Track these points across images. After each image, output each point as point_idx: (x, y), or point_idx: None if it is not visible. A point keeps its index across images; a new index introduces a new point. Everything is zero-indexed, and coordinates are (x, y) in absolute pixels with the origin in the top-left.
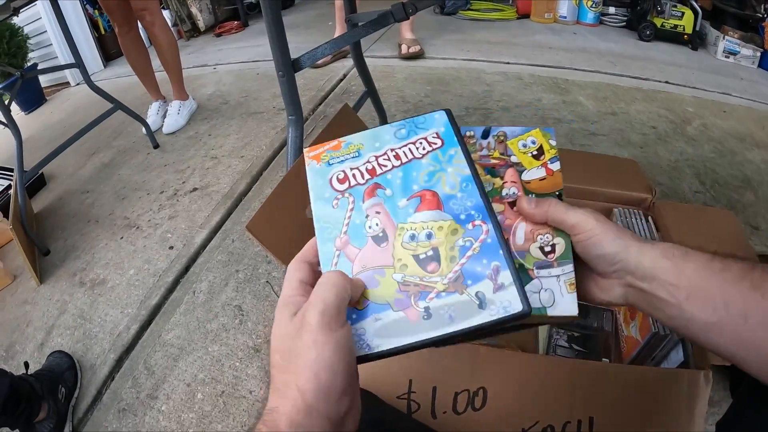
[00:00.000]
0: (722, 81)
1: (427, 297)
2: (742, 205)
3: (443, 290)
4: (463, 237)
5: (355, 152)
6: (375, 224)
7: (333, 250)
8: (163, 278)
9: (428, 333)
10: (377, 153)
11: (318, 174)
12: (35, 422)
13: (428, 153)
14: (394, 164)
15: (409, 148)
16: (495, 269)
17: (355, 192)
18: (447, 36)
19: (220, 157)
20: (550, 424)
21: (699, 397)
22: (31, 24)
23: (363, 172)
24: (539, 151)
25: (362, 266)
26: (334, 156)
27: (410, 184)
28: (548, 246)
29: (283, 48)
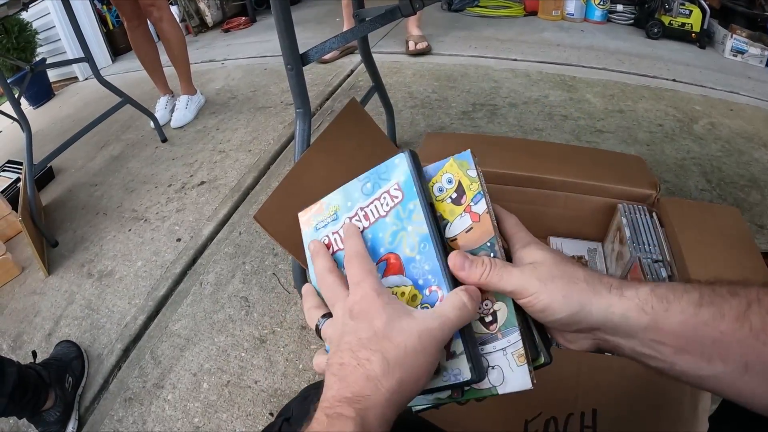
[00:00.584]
0: (730, 80)
1: None
2: (748, 204)
3: None
4: (422, 303)
5: (333, 215)
6: None
7: None
8: (170, 270)
9: None
10: (350, 214)
11: (310, 238)
12: (42, 411)
13: (391, 209)
14: (365, 225)
15: (375, 206)
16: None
17: (338, 258)
18: (455, 32)
19: (227, 151)
20: (553, 415)
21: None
22: (40, 19)
23: (340, 237)
24: (458, 191)
25: None
26: (319, 220)
27: (378, 246)
28: (489, 315)
29: (292, 42)
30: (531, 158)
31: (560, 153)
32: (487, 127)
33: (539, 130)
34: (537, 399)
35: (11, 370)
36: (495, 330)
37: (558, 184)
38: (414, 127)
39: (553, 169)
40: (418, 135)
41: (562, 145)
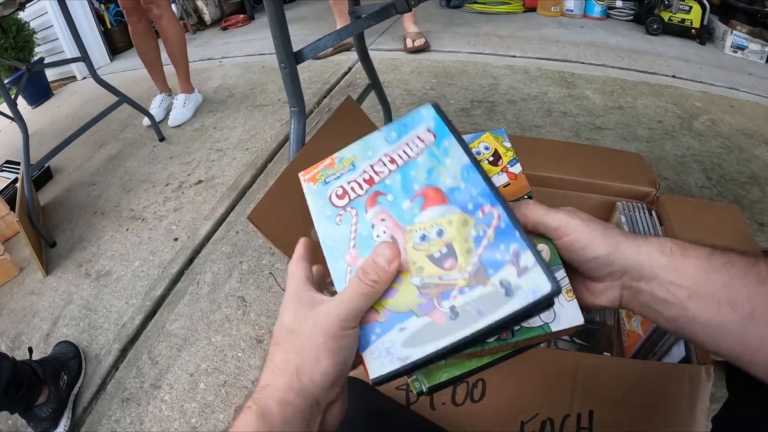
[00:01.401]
0: (730, 76)
1: (449, 296)
2: (748, 201)
3: (465, 285)
4: (475, 226)
5: (350, 166)
6: (382, 232)
7: (345, 266)
8: (167, 269)
9: (459, 333)
10: (372, 162)
11: (317, 194)
12: (34, 406)
13: (422, 150)
14: (391, 169)
15: (403, 150)
16: (515, 253)
17: (357, 204)
18: (453, 29)
19: (225, 150)
20: (549, 417)
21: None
22: (37, 18)
23: (361, 183)
24: (495, 156)
25: None
26: (329, 174)
27: (410, 184)
28: None
29: (285, 39)
30: (529, 156)
31: (559, 150)
32: (485, 124)
33: (538, 127)
34: (533, 400)
35: (6, 365)
36: None
37: (556, 182)
38: None
39: (552, 166)
40: None
41: (561, 143)
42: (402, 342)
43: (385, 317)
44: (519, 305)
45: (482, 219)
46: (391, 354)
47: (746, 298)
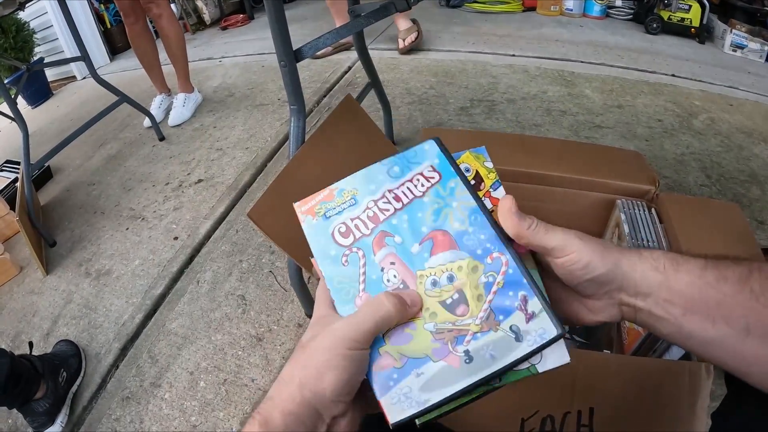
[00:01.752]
0: (729, 75)
1: (463, 341)
2: (748, 199)
3: (478, 331)
4: (485, 273)
5: (350, 199)
6: (393, 276)
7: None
8: (167, 268)
9: (474, 376)
10: (375, 197)
11: (317, 230)
12: (31, 400)
13: (428, 189)
14: (396, 207)
15: (407, 187)
16: (523, 299)
17: (363, 245)
18: (453, 28)
19: (225, 149)
20: (549, 414)
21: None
22: (37, 18)
23: (365, 220)
24: (476, 179)
25: None
26: (329, 207)
27: (418, 226)
28: None
29: (285, 37)
30: (529, 154)
31: (558, 149)
32: (485, 123)
33: (537, 126)
34: (533, 397)
35: (4, 361)
36: None
37: (556, 180)
38: (411, 123)
39: (551, 165)
40: (416, 131)
41: (561, 141)
42: (419, 387)
43: (402, 363)
44: (528, 349)
45: (491, 265)
46: (410, 399)
47: (741, 314)
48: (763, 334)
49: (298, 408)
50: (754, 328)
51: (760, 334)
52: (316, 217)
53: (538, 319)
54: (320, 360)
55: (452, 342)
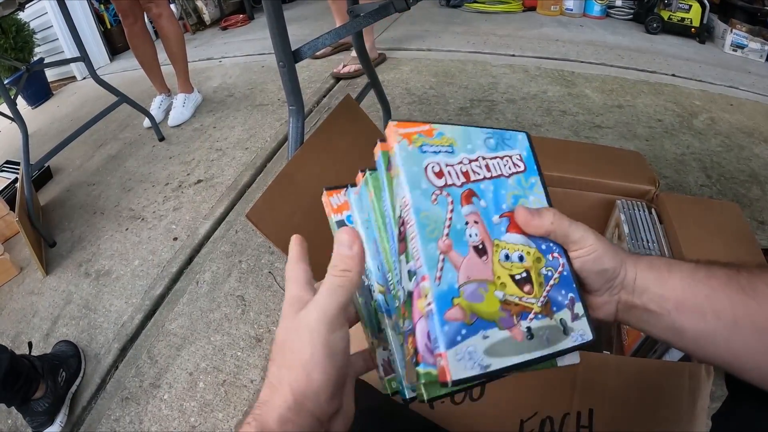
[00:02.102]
0: (730, 75)
1: (527, 317)
2: (748, 199)
3: (539, 312)
4: (546, 266)
5: (448, 146)
6: (474, 234)
7: (437, 253)
8: (167, 269)
9: (531, 353)
10: (470, 156)
11: (411, 158)
12: (31, 400)
13: (513, 174)
14: (486, 175)
15: (498, 162)
16: (571, 300)
17: (453, 192)
18: (453, 28)
19: (224, 149)
20: (549, 415)
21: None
22: (37, 19)
23: (458, 173)
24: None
25: (467, 277)
26: (426, 143)
27: (500, 202)
28: None
29: (284, 38)
30: None
31: (558, 149)
32: (485, 123)
33: (537, 126)
34: (533, 398)
35: (3, 357)
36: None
37: (556, 180)
38: None
39: (551, 165)
40: None
41: (560, 141)
42: (484, 350)
43: (471, 320)
44: (570, 344)
45: (551, 262)
46: (473, 359)
47: (729, 306)
48: (751, 326)
49: (295, 416)
50: (742, 320)
51: (749, 325)
52: (413, 145)
53: (580, 321)
54: (303, 359)
55: (517, 316)
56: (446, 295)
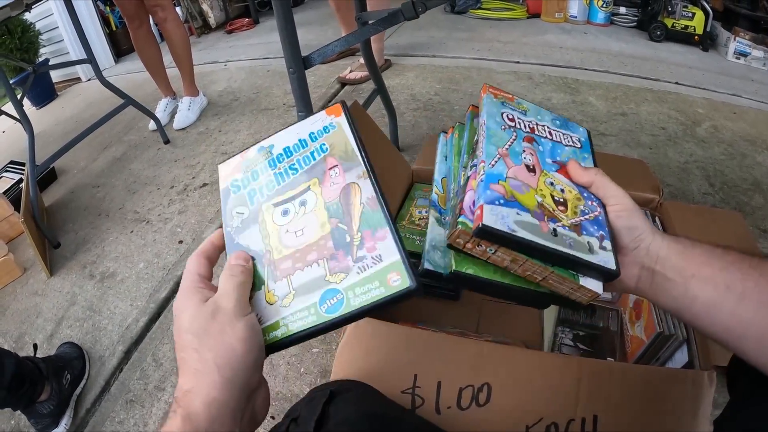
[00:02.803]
0: (733, 82)
1: (556, 222)
2: (750, 207)
3: (568, 225)
4: (584, 205)
5: (522, 110)
6: (528, 157)
7: (495, 152)
8: (172, 272)
9: (552, 244)
10: (539, 121)
11: (493, 104)
12: (35, 402)
13: (570, 146)
14: (547, 136)
15: (560, 134)
16: (601, 236)
17: (518, 132)
18: (457, 35)
19: (230, 153)
20: (554, 421)
21: (703, 397)
22: (43, 20)
23: (526, 125)
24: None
25: (514, 175)
26: (506, 102)
27: (556, 154)
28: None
29: (294, 45)
30: None
31: None
32: None
33: None
34: (538, 405)
35: (9, 361)
36: None
37: None
38: (416, 129)
39: None
40: (421, 138)
41: None
42: (514, 219)
43: (510, 198)
44: (593, 260)
45: (590, 206)
46: (504, 220)
47: (739, 279)
48: (758, 300)
49: (221, 393)
50: (750, 293)
51: (756, 299)
52: (497, 98)
53: (605, 252)
54: (224, 336)
55: (549, 217)
56: (495, 176)
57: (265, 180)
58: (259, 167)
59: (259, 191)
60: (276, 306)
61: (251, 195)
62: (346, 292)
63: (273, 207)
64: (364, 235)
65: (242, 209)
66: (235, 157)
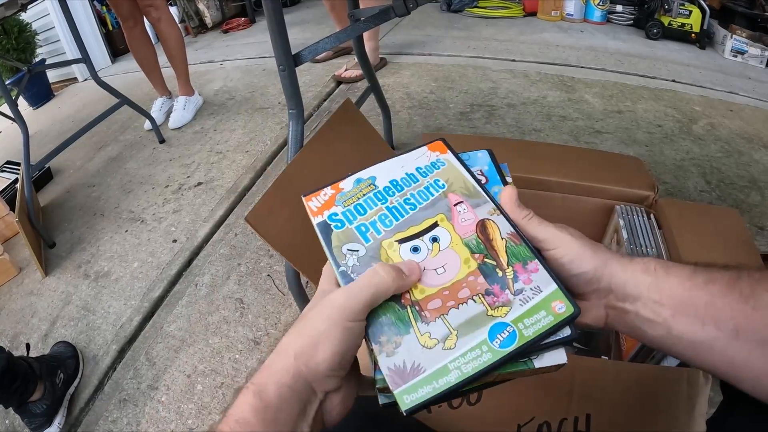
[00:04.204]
0: (730, 80)
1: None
2: (747, 205)
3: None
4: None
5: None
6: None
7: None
8: (166, 271)
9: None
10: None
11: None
12: (29, 402)
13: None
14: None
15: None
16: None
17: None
18: (453, 33)
19: (225, 152)
20: (546, 420)
21: (698, 396)
22: (39, 20)
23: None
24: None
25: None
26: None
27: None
28: None
29: (284, 42)
30: (528, 159)
31: (558, 154)
32: (484, 128)
33: (537, 131)
34: (530, 403)
35: (1, 357)
36: None
37: (555, 186)
38: (411, 128)
39: (551, 170)
40: (415, 136)
41: (560, 146)
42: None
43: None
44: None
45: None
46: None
47: (729, 316)
48: (752, 338)
49: (292, 380)
50: (743, 331)
51: (749, 337)
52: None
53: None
54: (317, 330)
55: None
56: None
57: (377, 215)
58: (363, 201)
59: (372, 227)
60: (437, 350)
61: (362, 231)
62: (515, 325)
63: (397, 244)
64: (515, 268)
65: (355, 246)
66: (323, 188)
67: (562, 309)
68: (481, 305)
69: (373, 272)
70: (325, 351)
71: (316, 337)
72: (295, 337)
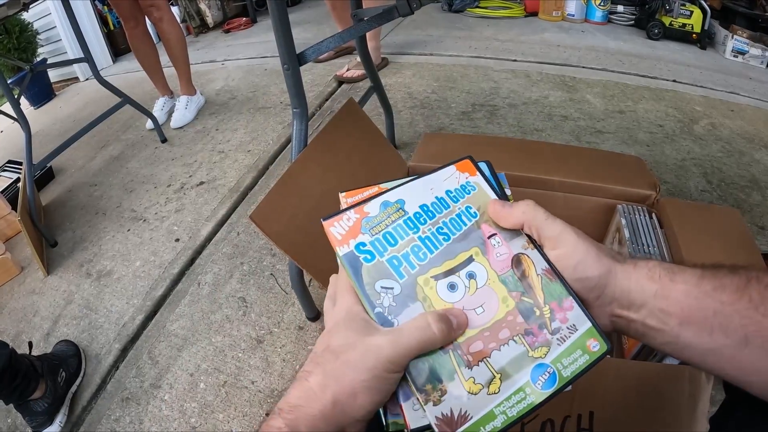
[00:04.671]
0: (731, 80)
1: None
2: (748, 205)
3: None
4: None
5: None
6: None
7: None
8: (168, 270)
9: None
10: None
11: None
12: (30, 399)
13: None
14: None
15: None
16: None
17: None
18: (455, 33)
19: (227, 152)
20: (549, 417)
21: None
22: (41, 19)
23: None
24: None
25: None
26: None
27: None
28: None
29: (288, 41)
30: (530, 159)
31: (559, 153)
32: (486, 128)
33: (539, 131)
34: None
35: (3, 352)
36: None
37: (557, 185)
38: (413, 127)
39: (552, 169)
40: (417, 135)
41: (562, 146)
42: None
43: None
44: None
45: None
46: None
47: (739, 324)
48: (762, 345)
49: (326, 426)
50: (753, 338)
51: (760, 344)
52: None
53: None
54: (358, 379)
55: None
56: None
57: (409, 246)
58: (393, 228)
59: (406, 260)
60: (482, 395)
61: (394, 265)
62: (554, 365)
63: (433, 280)
64: (552, 307)
65: (389, 283)
66: (346, 212)
67: (596, 347)
68: (522, 346)
69: (424, 325)
70: (365, 400)
71: (356, 387)
72: (332, 380)
